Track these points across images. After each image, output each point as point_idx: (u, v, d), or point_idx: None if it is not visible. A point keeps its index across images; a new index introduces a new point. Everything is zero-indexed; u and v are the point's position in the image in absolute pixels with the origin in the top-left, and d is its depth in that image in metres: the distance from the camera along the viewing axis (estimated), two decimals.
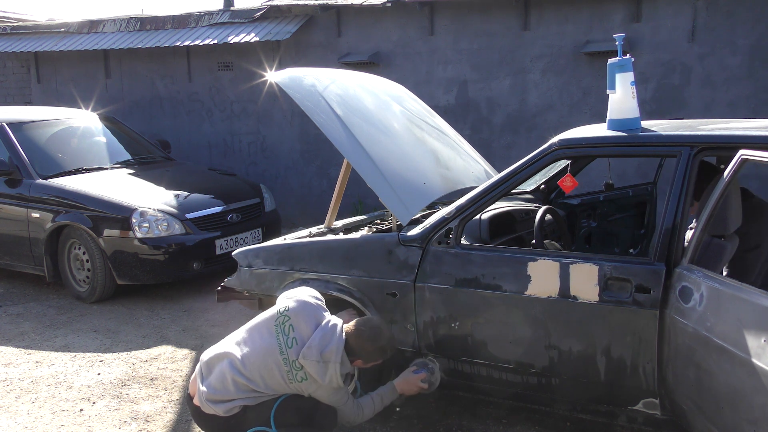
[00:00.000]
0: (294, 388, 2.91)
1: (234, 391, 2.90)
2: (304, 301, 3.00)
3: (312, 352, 2.82)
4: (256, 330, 2.99)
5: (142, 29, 9.08)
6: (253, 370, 2.89)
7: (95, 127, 7.01)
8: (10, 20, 12.13)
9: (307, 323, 2.91)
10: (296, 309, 2.96)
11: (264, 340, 2.92)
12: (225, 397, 2.91)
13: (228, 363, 2.93)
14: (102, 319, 5.28)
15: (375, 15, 7.86)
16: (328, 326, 2.91)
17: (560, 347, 2.97)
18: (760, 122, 3.26)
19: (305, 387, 2.88)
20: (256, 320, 3.05)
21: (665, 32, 6.66)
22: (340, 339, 2.88)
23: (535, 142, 6.42)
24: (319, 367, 2.82)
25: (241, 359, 2.91)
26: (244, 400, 2.91)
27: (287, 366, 2.86)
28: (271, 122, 8.71)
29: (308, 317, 2.93)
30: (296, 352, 2.85)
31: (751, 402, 2.26)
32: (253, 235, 6.06)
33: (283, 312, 2.97)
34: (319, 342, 2.84)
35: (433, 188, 3.62)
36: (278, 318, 2.96)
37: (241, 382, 2.89)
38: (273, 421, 2.90)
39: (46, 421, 3.66)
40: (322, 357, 2.82)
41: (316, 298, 3.06)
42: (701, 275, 2.57)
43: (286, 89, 3.69)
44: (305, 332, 2.89)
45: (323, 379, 2.83)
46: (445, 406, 3.66)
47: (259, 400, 2.93)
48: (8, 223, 5.99)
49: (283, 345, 2.87)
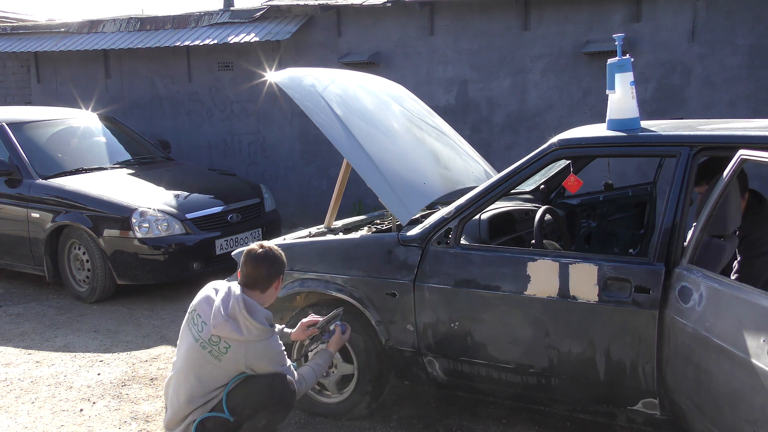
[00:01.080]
0: (227, 366, 2.87)
1: (182, 408, 2.91)
2: (202, 292, 3.03)
3: (217, 318, 2.84)
4: (180, 342, 3.04)
5: (142, 29, 9.08)
6: (187, 375, 2.91)
7: (95, 127, 7.01)
8: (10, 20, 12.13)
9: (209, 304, 2.93)
10: (198, 301, 3.00)
11: (184, 342, 2.97)
12: (177, 419, 2.93)
13: (174, 384, 2.97)
14: (102, 319, 5.28)
15: (375, 15, 7.87)
16: (220, 293, 2.93)
17: (560, 347, 2.97)
18: (759, 122, 3.26)
19: (234, 355, 2.85)
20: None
21: (665, 32, 6.66)
22: (235, 293, 2.90)
23: (535, 142, 6.41)
24: (230, 325, 2.82)
25: (178, 373, 2.95)
26: (194, 414, 2.90)
27: (207, 347, 2.86)
28: (271, 122, 8.71)
29: (208, 300, 2.95)
30: (208, 331, 2.86)
31: (750, 402, 2.26)
32: (253, 235, 6.06)
33: (191, 311, 3.01)
34: (219, 306, 2.86)
35: (433, 188, 3.62)
36: (189, 317, 3.00)
37: (183, 394, 2.90)
38: (225, 405, 2.87)
39: (46, 421, 3.66)
40: (229, 315, 2.83)
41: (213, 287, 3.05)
42: (701, 275, 2.57)
43: (285, 89, 3.69)
44: (209, 312, 2.90)
45: (240, 333, 2.82)
46: (445, 406, 3.66)
47: (208, 407, 2.91)
48: (8, 223, 5.99)
49: (196, 333, 2.90)
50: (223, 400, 2.88)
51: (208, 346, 2.86)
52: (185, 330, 2.99)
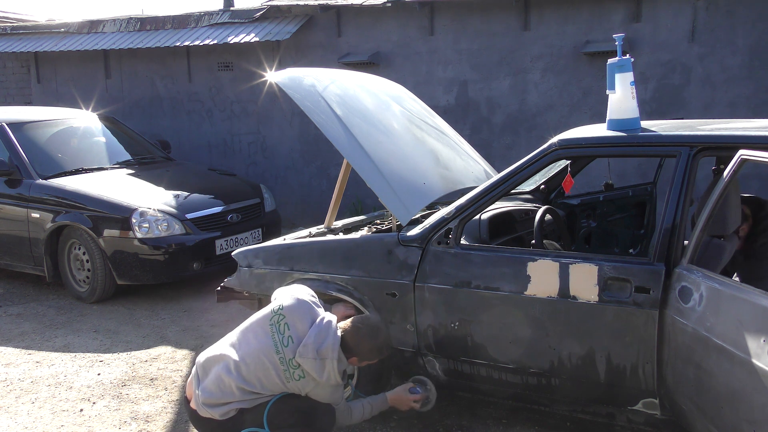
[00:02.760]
0: (291, 388, 2.90)
1: (230, 394, 2.89)
2: (299, 299, 2.98)
3: (308, 349, 2.81)
4: (251, 330, 2.98)
5: (142, 29, 9.08)
6: (249, 372, 2.87)
7: (95, 127, 7.01)
8: (10, 20, 12.13)
9: (303, 321, 2.89)
10: (291, 307, 2.94)
11: (259, 341, 2.91)
12: (221, 401, 2.90)
13: (224, 366, 2.91)
14: (102, 319, 5.28)
15: (375, 15, 7.86)
16: (323, 323, 2.90)
17: (560, 348, 2.97)
18: (759, 122, 3.26)
19: (303, 385, 2.87)
20: (250, 320, 3.04)
21: (665, 32, 6.66)
22: (336, 336, 2.87)
23: (535, 142, 6.42)
24: (316, 365, 2.81)
25: (237, 361, 2.89)
26: (240, 403, 2.90)
27: (284, 365, 2.84)
28: (271, 122, 8.71)
29: (303, 315, 2.91)
30: (292, 350, 2.83)
31: (750, 402, 2.26)
32: (253, 235, 6.06)
33: (278, 311, 2.94)
34: (314, 339, 2.83)
35: (433, 188, 3.62)
36: (273, 317, 2.94)
37: (238, 384, 2.87)
38: (266, 421, 2.88)
39: (46, 421, 3.66)
40: (319, 354, 2.80)
41: (311, 295, 3.05)
42: (701, 275, 2.57)
43: (285, 89, 3.69)
44: (301, 330, 2.88)
45: (321, 377, 2.82)
46: (445, 406, 3.66)
47: (255, 402, 2.91)
48: (8, 223, 5.99)
49: (279, 344, 2.86)
50: (264, 416, 2.88)
51: (286, 365, 2.84)
52: (264, 327, 2.93)
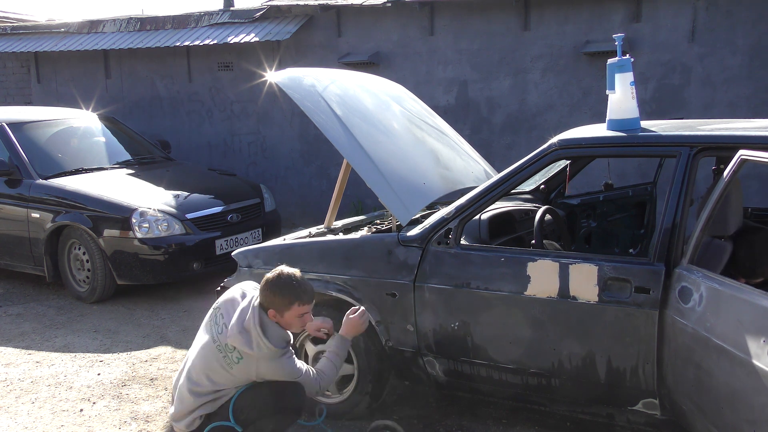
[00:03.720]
0: (237, 374, 2.88)
1: (188, 401, 2.91)
2: (232, 290, 3.04)
3: (234, 327, 2.83)
4: (198, 335, 3.04)
5: (142, 29, 9.08)
6: (197, 372, 2.91)
7: (95, 127, 7.01)
8: (10, 20, 12.13)
9: (234, 307, 2.93)
10: (224, 298, 3.01)
11: (201, 339, 2.98)
12: (183, 411, 2.93)
13: (185, 377, 2.97)
14: (102, 319, 5.28)
15: (375, 15, 7.86)
16: (245, 302, 2.93)
17: (560, 348, 2.97)
18: (759, 122, 3.26)
19: (246, 366, 2.86)
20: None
21: (665, 32, 6.66)
22: (255, 307, 2.88)
23: (535, 142, 6.41)
24: (243, 338, 2.81)
25: (189, 367, 2.96)
26: (202, 409, 2.91)
27: (222, 352, 2.86)
28: (271, 122, 8.71)
29: (235, 302, 2.95)
30: (225, 336, 2.86)
31: (750, 402, 2.26)
32: (253, 235, 6.06)
33: (215, 307, 3.01)
34: (238, 317, 2.86)
35: (433, 188, 3.62)
36: (212, 314, 3.01)
37: (190, 388, 2.91)
38: (231, 415, 2.86)
39: (46, 421, 3.66)
40: (244, 327, 2.83)
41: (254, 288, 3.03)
42: (701, 276, 2.57)
43: (285, 89, 3.69)
44: (231, 316, 2.90)
45: (251, 348, 2.81)
46: (445, 406, 3.66)
47: (217, 404, 2.92)
48: (8, 223, 5.99)
49: (215, 334, 2.90)
50: (230, 409, 2.87)
51: (223, 351, 2.86)
52: (206, 326, 2.99)
